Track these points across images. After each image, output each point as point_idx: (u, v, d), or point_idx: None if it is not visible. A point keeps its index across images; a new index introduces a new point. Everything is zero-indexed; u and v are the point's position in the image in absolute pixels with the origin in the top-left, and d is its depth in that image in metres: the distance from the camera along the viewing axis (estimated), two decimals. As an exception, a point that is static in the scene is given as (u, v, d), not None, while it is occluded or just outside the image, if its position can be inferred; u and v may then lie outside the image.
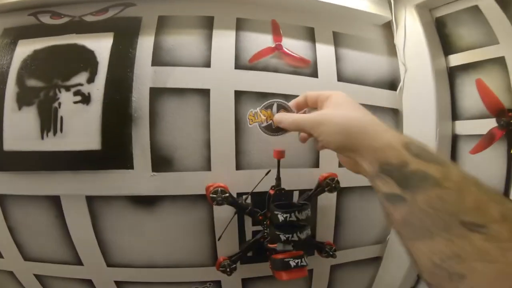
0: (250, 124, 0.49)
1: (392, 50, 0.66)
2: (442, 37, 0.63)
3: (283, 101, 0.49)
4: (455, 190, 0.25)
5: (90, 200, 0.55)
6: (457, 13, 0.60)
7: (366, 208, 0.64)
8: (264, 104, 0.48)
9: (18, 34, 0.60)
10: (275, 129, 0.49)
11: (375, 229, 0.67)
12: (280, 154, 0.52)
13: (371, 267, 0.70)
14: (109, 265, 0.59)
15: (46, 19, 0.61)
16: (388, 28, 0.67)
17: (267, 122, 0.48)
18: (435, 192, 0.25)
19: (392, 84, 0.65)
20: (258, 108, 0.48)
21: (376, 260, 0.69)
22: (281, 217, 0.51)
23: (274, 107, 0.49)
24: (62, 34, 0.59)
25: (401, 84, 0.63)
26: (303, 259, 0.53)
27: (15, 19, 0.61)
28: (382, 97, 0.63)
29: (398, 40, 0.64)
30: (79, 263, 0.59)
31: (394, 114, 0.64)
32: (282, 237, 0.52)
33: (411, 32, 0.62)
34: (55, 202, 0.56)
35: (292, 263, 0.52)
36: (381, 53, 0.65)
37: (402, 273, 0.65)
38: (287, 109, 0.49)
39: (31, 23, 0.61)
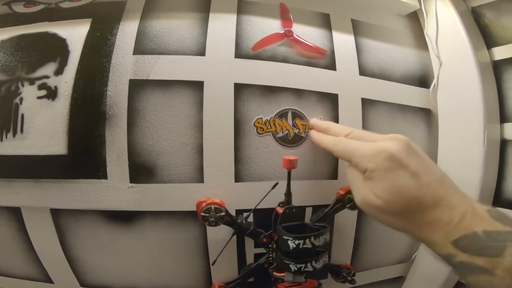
0: (259, 134, 0.40)
1: (420, 42, 0.50)
2: (481, 28, 0.46)
3: (297, 108, 0.41)
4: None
5: (56, 214, 0.40)
6: (498, 2, 0.44)
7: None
8: (278, 111, 0.41)
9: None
10: (291, 140, 0.41)
11: (399, 248, 0.51)
12: (291, 164, 0.37)
13: (392, 287, 0.53)
14: (83, 285, 0.44)
15: (19, 8, 0.46)
16: (413, 18, 0.51)
17: (282, 133, 0.40)
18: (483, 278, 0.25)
19: (422, 80, 0.49)
20: (270, 116, 0.40)
21: (398, 280, 0.53)
22: (292, 244, 0.35)
23: (289, 115, 0.41)
24: (34, 22, 0.44)
25: (435, 80, 0.46)
26: (317, 293, 0.37)
27: (-13, 9, 0.46)
28: (412, 95, 0.47)
29: (430, 30, 0.47)
30: (49, 280, 0.44)
31: (426, 115, 0.48)
32: (293, 267, 0.36)
33: (445, 23, 0.46)
34: (15, 214, 0.41)
35: (305, 298, 0.36)
36: (408, 45, 0.49)
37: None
38: (302, 118, 0.41)
39: (2, 13, 0.46)
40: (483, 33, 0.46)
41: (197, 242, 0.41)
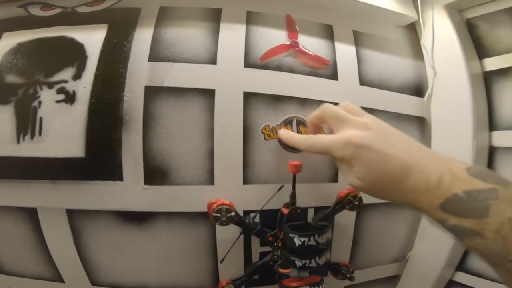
0: (266, 140, 0.42)
1: (417, 53, 0.52)
2: (474, 40, 0.48)
3: (301, 116, 0.43)
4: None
5: (71, 214, 0.41)
6: (493, 14, 0.46)
7: (386, 226, 0.50)
8: (284, 119, 0.42)
9: (4, 27, 0.45)
10: None
11: (394, 247, 0.53)
12: (297, 168, 0.38)
13: (387, 286, 0.56)
14: (94, 284, 0.44)
15: (36, 10, 0.47)
16: (411, 29, 0.53)
17: None
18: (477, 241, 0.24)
19: (417, 89, 0.51)
20: (276, 123, 0.42)
21: (393, 279, 0.55)
22: (297, 241, 0.36)
23: (294, 123, 0.43)
24: (51, 26, 0.44)
25: (429, 90, 0.48)
26: (321, 286, 0.39)
27: (3, 11, 0.47)
28: (408, 104, 0.49)
29: (426, 41, 0.49)
30: (60, 280, 0.44)
31: (420, 123, 0.50)
32: (298, 263, 0.37)
33: (441, 34, 0.48)
34: (31, 214, 0.41)
35: (309, 292, 0.38)
36: (405, 55, 0.51)
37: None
38: (305, 125, 0.42)
39: (19, 15, 0.46)
40: (476, 44, 0.48)
41: (206, 242, 0.43)
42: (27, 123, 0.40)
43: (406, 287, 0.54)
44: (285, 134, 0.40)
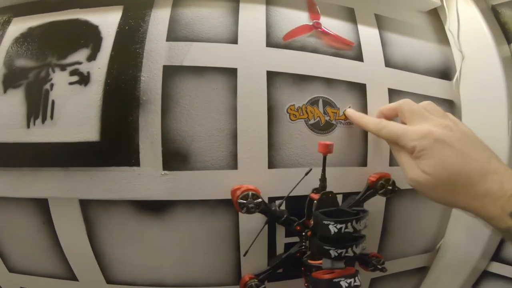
0: (292, 120, 0.38)
1: (441, 38, 0.48)
2: (500, 25, 0.46)
3: (327, 97, 0.39)
4: None
5: (85, 205, 0.37)
6: None
7: (417, 214, 0.46)
8: (310, 99, 0.39)
9: (15, 12, 0.42)
10: (323, 127, 0.39)
11: (425, 237, 0.48)
12: (328, 148, 0.34)
13: (415, 278, 0.51)
14: (109, 282, 0.40)
15: (47, -5, 0.43)
16: (433, 15, 0.49)
17: (314, 119, 0.38)
18: None
19: (444, 73, 0.47)
20: (302, 103, 0.38)
21: (421, 271, 0.50)
22: (333, 228, 0.32)
23: (320, 103, 0.39)
24: (64, 9, 0.41)
25: (457, 73, 0.45)
26: (356, 278, 0.34)
27: (13, -4, 0.43)
28: (436, 86, 0.45)
29: (451, 26, 0.46)
30: (74, 278, 0.40)
31: (450, 106, 0.46)
32: (333, 252, 0.33)
33: (466, 19, 0.45)
34: (42, 206, 0.37)
35: (344, 284, 0.33)
36: (429, 40, 0.48)
37: (458, 281, 0.46)
38: (332, 105, 0.39)
39: (30, 0, 0.43)
40: (503, 30, 0.45)
41: (228, 232, 0.38)
42: (38, 106, 0.36)
43: (436, 280, 0.49)
44: (354, 113, 0.38)
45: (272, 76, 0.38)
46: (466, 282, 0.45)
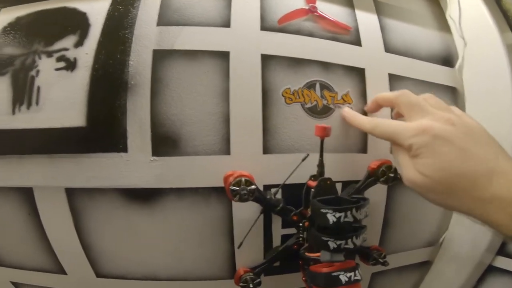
0: (287, 104, 0.36)
1: (442, 25, 0.46)
2: (503, 13, 0.43)
3: (325, 80, 0.37)
4: None
5: (71, 194, 0.34)
6: None
7: (420, 205, 0.42)
8: (306, 83, 0.36)
9: (3, 3, 0.40)
10: (320, 111, 0.37)
11: (428, 230, 0.45)
12: (325, 131, 0.32)
13: (417, 273, 0.47)
14: (99, 275, 0.37)
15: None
16: (433, 1, 0.47)
17: (311, 103, 0.36)
18: None
19: (446, 60, 0.44)
20: (298, 87, 0.36)
21: (424, 265, 0.47)
22: (332, 218, 0.29)
23: (317, 87, 0.37)
24: (52, -1, 0.39)
25: (460, 60, 0.42)
26: (357, 272, 0.31)
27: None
28: (438, 73, 0.43)
29: (452, 13, 0.43)
30: (62, 271, 0.37)
31: (452, 93, 0.43)
32: (332, 244, 0.30)
33: (467, 5, 0.43)
34: (26, 195, 0.35)
35: (343, 278, 0.30)
36: (430, 26, 0.45)
37: (462, 276, 0.43)
38: (330, 89, 0.37)
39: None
40: (505, 17, 0.42)
41: (221, 222, 0.35)
42: (23, 92, 0.34)
43: (439, 274, 0.46)
44: (348, 112, 0.36)
45: (266, 59, 0.35)
46: (470, 277, 0.42)
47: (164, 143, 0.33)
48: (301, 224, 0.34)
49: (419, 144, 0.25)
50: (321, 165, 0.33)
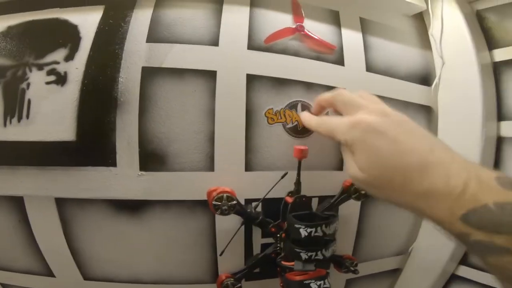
0: (270, 124, 0.38)
1: (424, 42, 0.48)
2: (483, 31, 0.46)
3: (306, 101, 0.39)
4: None
5: (61, 203, 0.36)
6: (502, 7, 0.44)
7: (391, 216, 0.47)
8: (289, 103, 0.38)
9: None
10: (301, 131, 0.39)
11: (398, 240, 0.49)
12: (303, 153, 0.34)
13: (388, 279, 0.52)
14: (86, 278, 0.40)
15: (28, -7, 0.42)
16: (418, 19, 0.50)
17: (292, 123, 0.38)
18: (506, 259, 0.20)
19: (424, 78, 0.47)
20: (280, 107, 0.38)
21: (394, 273, 0.51)
22: (304, 232, 0.32)
23: (299, 107, 0.39)
24: (44, 8, 0.40)
25: (436, 79, 0.45)
26: (326, 281, 0.35)
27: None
28: (415, 92, 0.46)
29: (435, 31, 0.46)
30: (50, 274, 0.40)
31: (427, 112, 0.46)
32: (304, 255, 0.34)
33: (450, 24, 0.45)
34: (17, 203, 0.36)
35: (314, 286, 0.34)
36: (412, 44, 0.48)
37: (428, 283, 0.47)
38: (310, 110, 0.38)
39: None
40: (486, 35, 0.45)
41: (205, 233, 0.38)
42: (14, 105, 0.36)
43: (408, 281, 0.50)
44: (304, 115, 0.37)
45: (252, 80, 0.37)
46: (435, 284, 0.47)
47: (152, 159, 0.35)
48: (278, 235, 0.38)
49: (352, 139, 0.25)
50: (298, 183, 0.36)
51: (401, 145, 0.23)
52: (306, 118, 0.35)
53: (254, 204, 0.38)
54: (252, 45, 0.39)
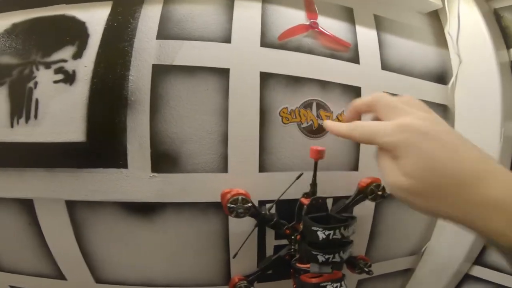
0: (284, 123, 0.37)
1: (440, 41, 0.47)
2: (501, 29, 0.45)
3: (322, 100, 0.39)
4: None
5: (72, 206, 0.36)
6: None
7: (404, 217, 0.46)
8: (303, 102, 0.38)
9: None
10: (315, 131, 0.39)
11: (411, 240, 0.49)
12: (320, 154, 0.34)
13: (400, 279, 0.51)
14: (98, 281, 0.39)
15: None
16: (434, 17, 0.49)
17: (307, 123, 0.38)
18: None
19: (440, 77, 0.46)
20: (295, 106, 0.38)
21: (406, 273, 0.51)
22: (321, 235, 0.32)
23: (314, 106, 0.39)
24: (50, 5, 0.38)
25: (453, 78, 0.44)
26: (342, 283, 0.34)
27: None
28: (431, 90, 0.45)
29: (451, 29, 0.45)
30: (62, 277, 0.39)
31: (443, 111, 0.46)
32: (321, 257, 0.33)
33: (467, 22, 0.44)
34: (27, 206, 0.36)
35: (330, 289, 0.33)
36: (428, 42, 0.47)
37: (441, 283, 0.47)
38: (325, 109, 0.39)
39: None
40: (504, 34, 0.44)
41: (218, 235, 0.38)
42: (21, 105, 0.35)
43: (420, 282, 0.50)
44: (328, 123, 0.32)
45: (265, 78, 0.36)
46: (448, 284, 0.46)
47: (164, 160, 0.34)
48: (293, 237, 0.37)
49: (399, 142, 0.22)
50: (314, 184, 0.35)
51: (456, 151, 0.21)
52: (333, 125, 0.31)
53: (268, 205, 0.37)
54: (265, 42, 0.38)
